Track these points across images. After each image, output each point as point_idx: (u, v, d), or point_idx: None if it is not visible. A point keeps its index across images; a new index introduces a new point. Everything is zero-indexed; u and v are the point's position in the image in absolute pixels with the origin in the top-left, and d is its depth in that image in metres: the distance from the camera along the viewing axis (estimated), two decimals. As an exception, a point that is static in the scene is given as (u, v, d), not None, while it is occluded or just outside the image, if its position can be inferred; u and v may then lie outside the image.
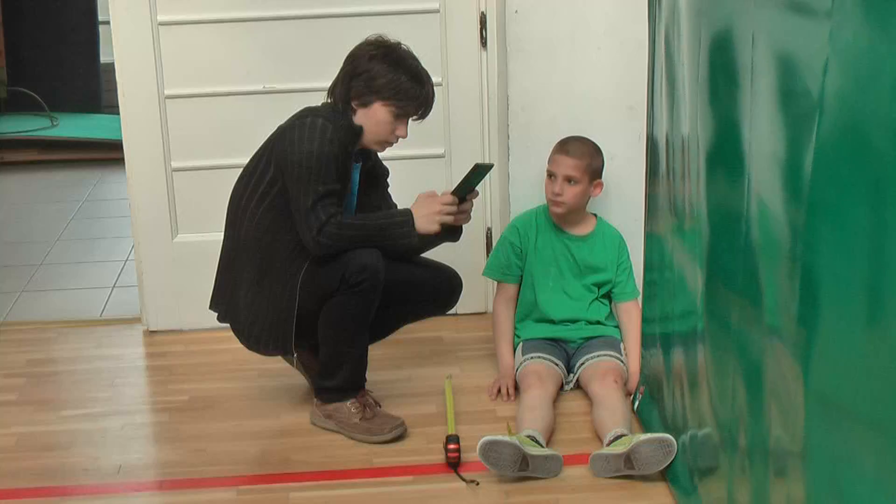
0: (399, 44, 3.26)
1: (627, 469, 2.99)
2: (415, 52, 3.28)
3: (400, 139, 3.28)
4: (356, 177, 3.35)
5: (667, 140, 3.03)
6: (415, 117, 3.28)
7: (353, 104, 3.23)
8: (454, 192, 3.28)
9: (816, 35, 1.86)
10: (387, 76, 3.18)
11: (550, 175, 3.51)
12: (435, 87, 3.31)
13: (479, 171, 3.27)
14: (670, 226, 3.02)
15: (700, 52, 2.57)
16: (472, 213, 3.37)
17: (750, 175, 2.25)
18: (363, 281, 3.15)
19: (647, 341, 3.39)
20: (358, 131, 3.23)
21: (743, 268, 2.32)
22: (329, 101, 3.29)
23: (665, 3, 2.98)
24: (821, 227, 1.91)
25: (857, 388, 1.80)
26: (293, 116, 3.27)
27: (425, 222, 3.24)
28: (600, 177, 3.55)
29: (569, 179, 3.47)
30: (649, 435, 3.00)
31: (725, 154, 2.41)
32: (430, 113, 3.31)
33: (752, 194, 2.26)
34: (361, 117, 3.23)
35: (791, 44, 2.00)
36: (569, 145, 3.52)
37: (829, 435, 1.92)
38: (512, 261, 3.62)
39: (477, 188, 3.32)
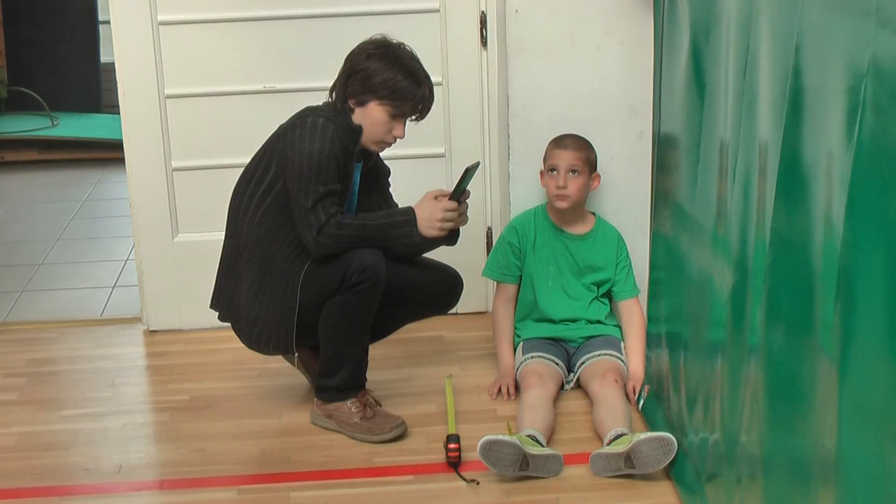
0: (401, 44, 3.25)
1: (628, 468, 2.98)
2: (415, 52, 3.27)
3: (398, 140, 3.28)
4: (357, 177, 3.35)
5: (687, 139, 2.97)
6: (412, 118, 3.27)
7: (351, 103, 3.22)
8: (451, 198, 3.28)
9: (859, 37, 1.84)
10: (382, 75, 3.17)
11: (552, 170, 3.51)
12: (435, 87, 3.30)
13: (469, 173, 3.28)
14: (689, 226, 2.97)
15: (747, 59, 2.50)
16: (471, 214, 3.37)
17: (781, 175, 2.22)
18: (364, 281, 3.14)
19: (652, 341, 3.38)
20: (358, 131, 3.23)
21: (774, 273, 2.28)
22: (330, 100, 3.28)
23: (688, 5, 2.93)
24: (859, 229, 1.87)
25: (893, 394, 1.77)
26: (294, 116, 3.26)
27: (427, 227, 3.24)
28: (596, 169, 3.57)
29: (572, 170, 3.48)
30: (649, 434, 3.00)
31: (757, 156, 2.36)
32: (430, 113, 3.30)
33: (783, 196, 2.22)
34: (359, 116, 3.22)
35: (832, 45, 1.98)
36: (565, 140, 3.54)
37: (864, 444, 1.88)
38: (511, 261, 3.62)
39: (468, 188, 3.32)
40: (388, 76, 3.17)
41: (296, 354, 3.35)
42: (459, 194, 3.28)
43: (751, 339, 2.41)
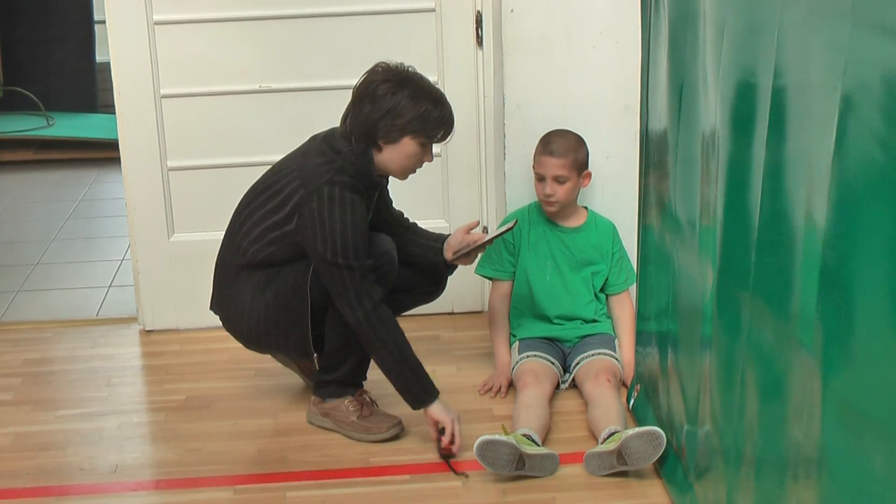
0: (408, 69, 3.18)
1: (620, 465, 2.99)
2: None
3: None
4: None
5: (669, 136, 2.99)
6: (441, 140, 3.23)
7: (381, 143, 3.15)
8: (485, 240, 3.39)
9: (837, 36, 1.85)
10: (413, 111, 3.11)
11: (539, 177, 3.52)
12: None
13: (504, 234, 3.44)
14: (674, 223, 2.98)
15: (723, 50, 2.53)
16: (467, 212, 3.37)
17: (767, 173, 2.23)
18: (381, 266, 3.14)
19: (642, 339, 3.38)
20: (377, 173, 3.18)
21: (758, 269, 2.29)
22: (343, 131, 3.17)
23: (671, 2, 2.95)
24: (844, 228, 1.87)
25: (878, 394, 1.77)
26: (319, 154, 3.14)
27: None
28: (587, 167, 3.56)
29: (557, 179, 3.49)
30: (637, 429, 3.00)
31: (742, 153, 2.38)
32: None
33: (768, 193, 2.23)
34: (388, 152, 3.15)
35: (811, 44, 1.99)
36: (552, 145, 3.52)
37: (846, 441, 1.89)
38: (504, 257, 3.62)
39: (488, 236, 3.43)
40: (417, 111, 3.11)
41: (315, 355, 3.33)
42: (487, 241, 3.39)
43: (736, 335, 2.42)
